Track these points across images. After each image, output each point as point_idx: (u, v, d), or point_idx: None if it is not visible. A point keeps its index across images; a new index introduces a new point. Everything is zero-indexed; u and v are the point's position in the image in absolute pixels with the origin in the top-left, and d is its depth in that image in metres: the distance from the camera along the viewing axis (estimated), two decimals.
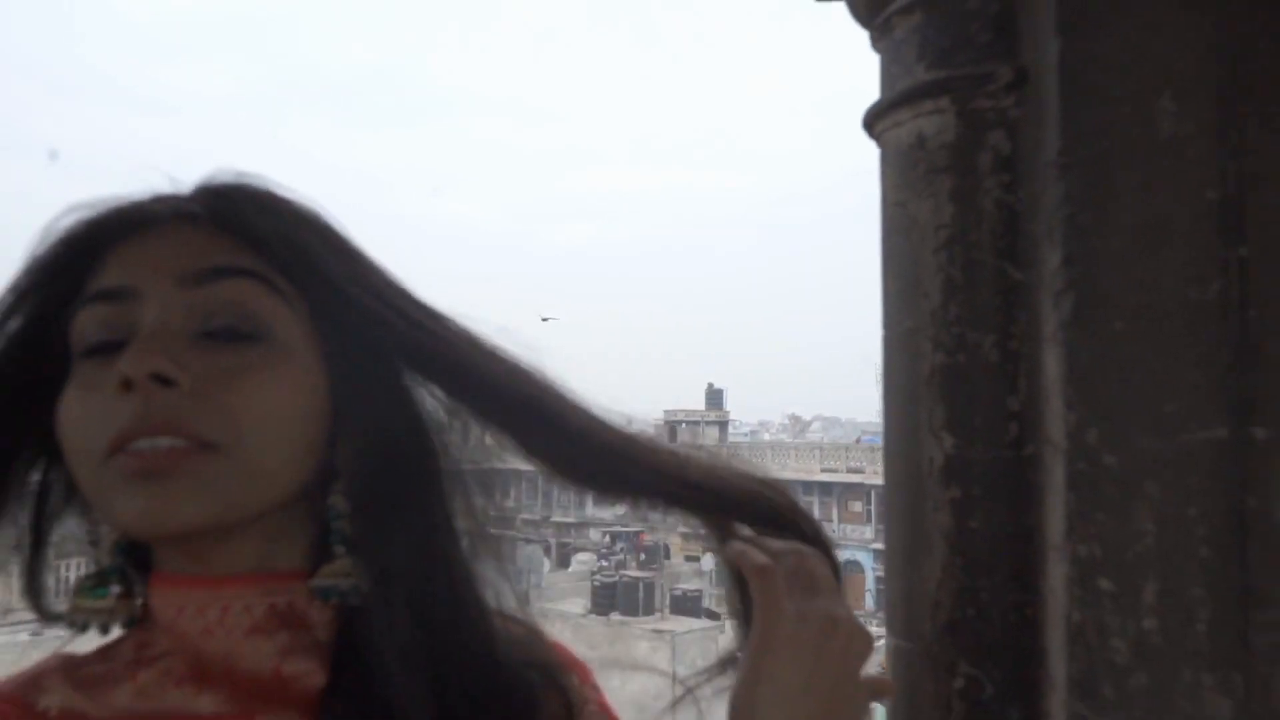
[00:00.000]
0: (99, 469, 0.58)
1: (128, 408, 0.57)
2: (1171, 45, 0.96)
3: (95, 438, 0.58)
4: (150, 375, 0.57)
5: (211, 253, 0.62)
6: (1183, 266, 0.96)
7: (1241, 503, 0.94)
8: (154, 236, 0.63)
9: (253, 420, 0.59)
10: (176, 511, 0.57)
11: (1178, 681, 0.94)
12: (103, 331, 0.61)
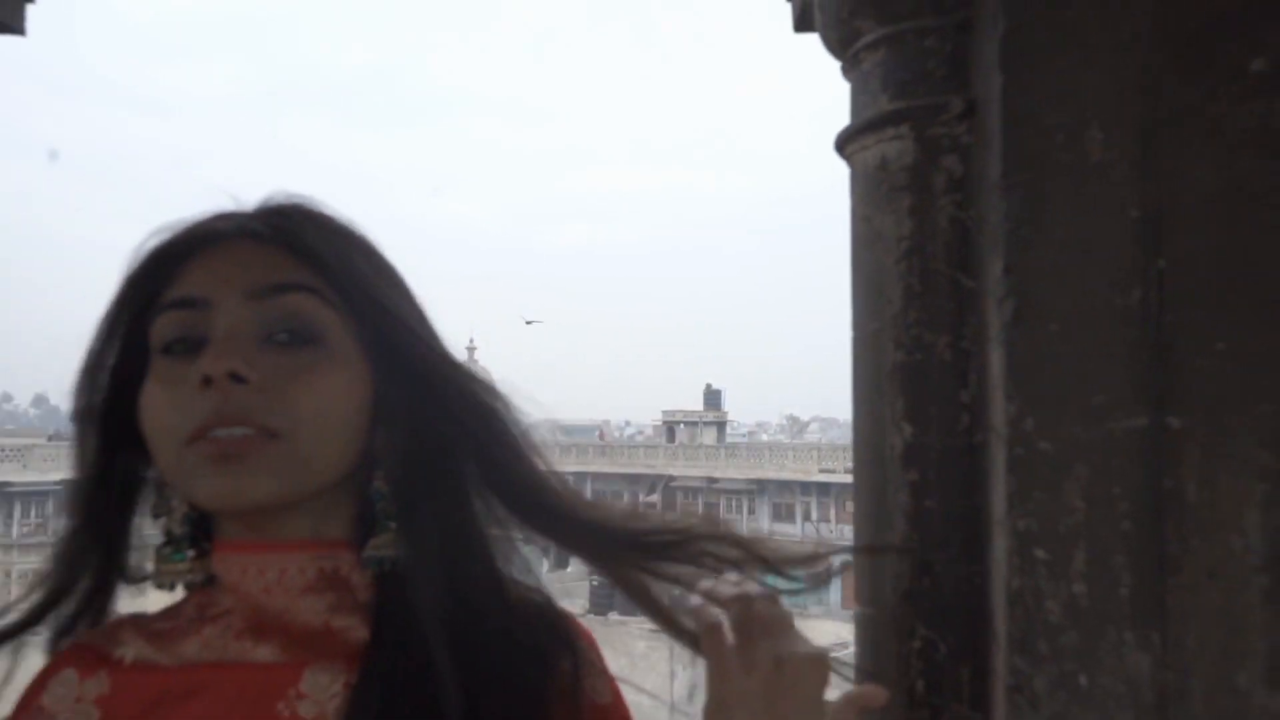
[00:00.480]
0: (181, 452, 0.67)
1: (208, 402, 0.66)
2: (1099, 83, 1.10)
3: (179, 425, 0.67)
4: (228, 374, 0.66)
5: (274, 270, 0.72)
6: (1108, 276, 1.09)
7: (1159, 483, 1.07)
8: (223, 252, 0.73)
9: (309, 413, 0.69)
10: (248, 489, 0.67)
11: (1103, 639, 1.08)
12: (179, 334, 0.71)
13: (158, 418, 0.69)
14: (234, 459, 0.66)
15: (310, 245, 0.72)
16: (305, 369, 0.69)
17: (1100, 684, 1.07)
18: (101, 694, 0.70)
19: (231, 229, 0.73)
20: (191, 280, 0.71)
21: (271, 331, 0.70)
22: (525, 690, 0.70)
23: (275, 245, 0.72)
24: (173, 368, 0.69)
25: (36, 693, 0.72)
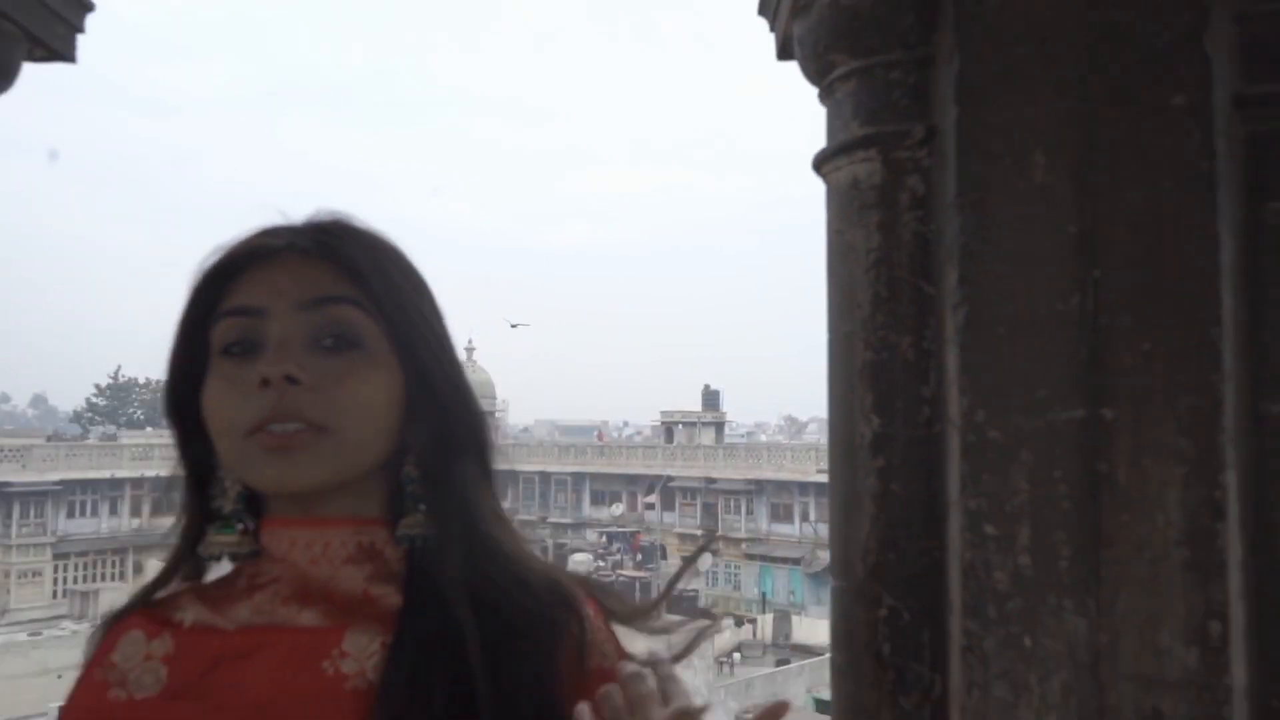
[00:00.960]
0: (241, 443, 0.77)
1: (266, 400, 0.75)
2: (1042, 115, 1.24)
3: (240, 420, 0.76)
4: (283, 377, 0.75)
5: (321, 283, 0.80)
6: (1050, 285, 1.23)
7: (1093, 467, 1.22)
8: (276, 266, 0.81)
9: (352, 409, 0.78)
10: (300, 476, 0.76)
11: (1044, 605, 1.22)
12: (237, 338, 0.79)
13: (220, 412, 0.78)
14: (288, 450, 0.76)
15: (351, 260, 0.81)
16: (348, 371, 0.78)
17: (1042, 644, 1.22)
18: (167, 653, 0.79)
19: (282, 245, 0.82)
20: (248, 291, 0.81)
21: (319, 338, 0.79)
22: (538, 651, 0.78)
23: (321, 260, 0.81)
24: (232, 368, 0.78)
25: (107, 650, 0.81)
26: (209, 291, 0.82)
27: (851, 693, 1.37)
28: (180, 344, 0.83)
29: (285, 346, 0.77)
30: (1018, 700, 1.22)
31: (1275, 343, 1.20)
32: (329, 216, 0.85)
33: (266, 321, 0.79)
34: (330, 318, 0.79)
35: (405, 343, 0.81)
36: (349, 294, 0.80)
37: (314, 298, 0.79)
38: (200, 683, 0.77)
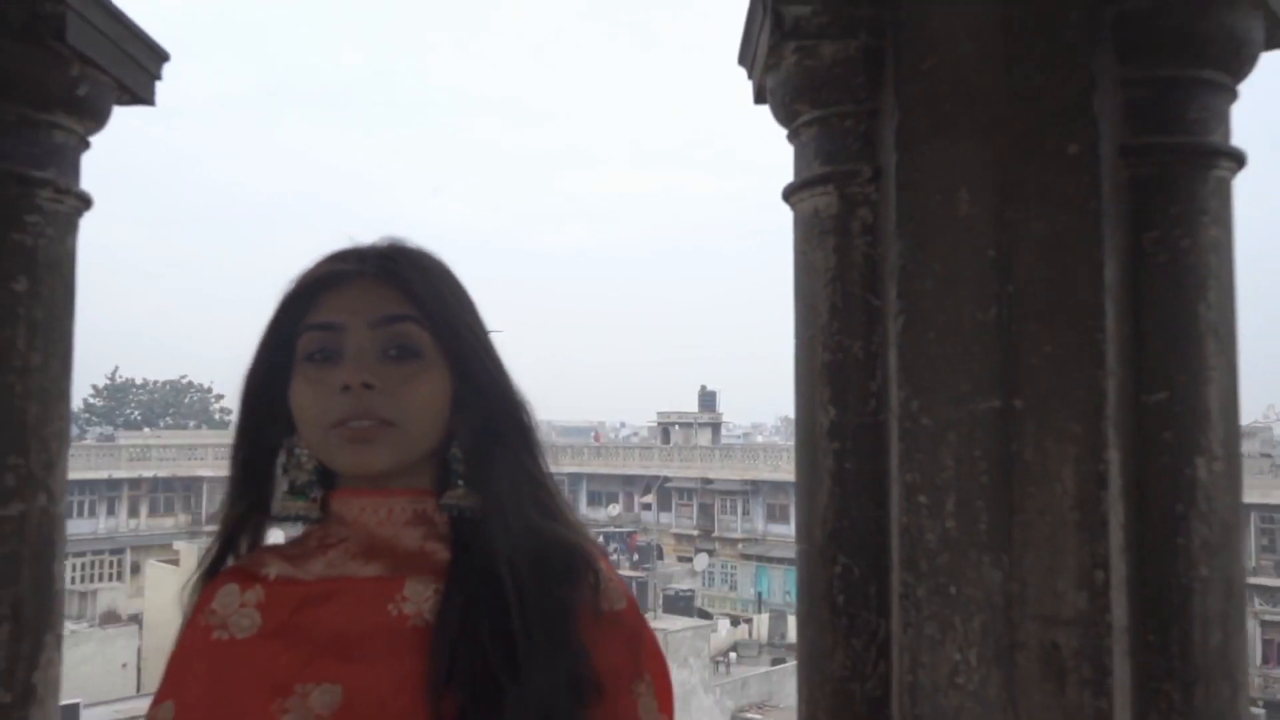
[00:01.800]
0: (325, 435, 0.93)
1: (347, 401, 0.92)
2: (966, 159, 1.52)
3: (324, 417, 0.93)
4: (361, 384, 0.92)
5: (387, 304, 0.96)
6: (972, 299, 1.51)
7: (1006, 447, 1.49)
8: (350, 289, 0.97)
9: (413, 408, 0.94)
10: (373, 461, 0.93)
11: (966, 560, 1.50)
12: (319, 348, 0.95)
13: (308, 409, 0.95)
14: (365, 440, 0.93)
15: (409, 283, 0.97)
16: (410, 376, 0.95)
17: (964, 592, 1.49)
18: (259, 601, 0.95)
19: (354, 270, 0.98)
20: (328, 309, 0.97)
21: (386, 349, 0.95)
22: (560, 596, 0.94)
23: (386, 284, 0.97)
24: (315, 372, 0.95)
25: (206, 600, 0.97)
26: (294, 307, 0.98)
27: (812, 637, 1.65)
28: (265, 348, 0.99)
29: (360, 357, 0.94)
30: (945, 637, 1.49)
31: (1150, 345, 1.48)
32: (390, 243, 1.01)
33: (343, 336, 0.95)
34: (395, 333, 0.95)
35: (454, 350, 0.97)
36: (409, 313, 0.96)
37: (381, 316, 0.95)
38: (288, 623, 0.93)
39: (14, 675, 1.61)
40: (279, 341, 0.98)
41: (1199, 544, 1.44)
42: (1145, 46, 1.47)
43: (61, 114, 1.69)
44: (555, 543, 0.97)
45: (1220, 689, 1.44)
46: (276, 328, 0.99)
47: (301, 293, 0.98)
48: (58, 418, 1.70)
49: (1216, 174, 1.50)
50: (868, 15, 1.57)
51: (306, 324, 0.96)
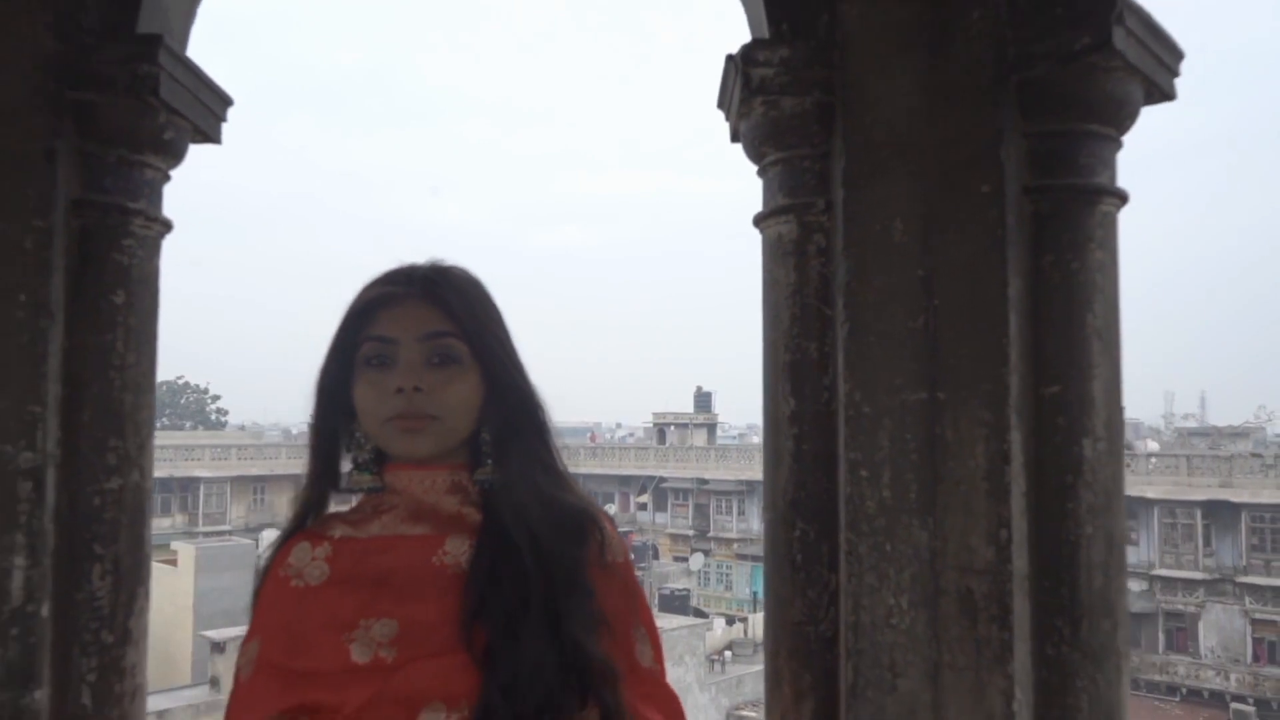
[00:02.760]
0: (383, 426, 1.15)
1: (400, 401, 1.14)
2: (899, 195, 1.86)
3: (382, 412, 1.15)
4: (412, 387, 1.14)
5: (431, 321, 1.17)
6: (904, 310, 1.85)
7: (932, 430, 1.83)
8: (402, 308, 1.18)
9: (453, 406, 1.16)
10: (421, 448, 1.16)
11: (899, 523, 1.83)
12: (376, 355, 1.17)
13: (369, 405, 1.17)
14: (414, 432, 1.16)
15: (449, 304, 1.18)
16: (449, 380, 1.17)
17: (898, 549, 1.83)
18: (328, 555, 1.16)
19: (405, 292, 1.19)
20: (384, 324, 1.18)
21: (430, 358, 1.17)
22: (570, 549, 1.16)
23: (431, 304, 1.18)
24: (375, 375, 1.17)
25: (283, 557, 1.17)
26: (356, 322, 1.20)
27: (776, 589, 1.99)
28: (333, 353, 1.21)
29: (411, 365, 1.16)
30: (882, 586, 1.83)
31: (1046, 347, 1.82)
32: (434, 265, 1.23)
33: (397, 347, 1.17)
34: (438, 345, 1.17)
35: (484, 358, 1.19)
36: (449, 329, 1.17)
37: (427, 332, 1.17)
38: (351, 572, 1.15)
39: (115, 619, 1.95)
40: (344, 348, 1.20)
41: (1085, 507, 1.79)
42: (1043, 106, 1.82)
43: (151, 155, 2.03)
44: (567, 507, 1.19)
45: (1101, 624, 1.78)
46: (342, 337, 1.20)
47: (362, 309, 1.19)
48: (146, 406, 2.03)
49: (1102, 209, 1.84)
50: (820, 77, 1.91)
51: (367, 335, 1.17)
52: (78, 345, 1.91)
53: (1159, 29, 1.83)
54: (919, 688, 1.79)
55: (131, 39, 1.95)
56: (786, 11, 1.96)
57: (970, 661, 1.76)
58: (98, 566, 1.92)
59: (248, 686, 1.14)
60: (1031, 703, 1.77)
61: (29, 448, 1.82)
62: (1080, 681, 1.77)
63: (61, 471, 1.88)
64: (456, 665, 1.09)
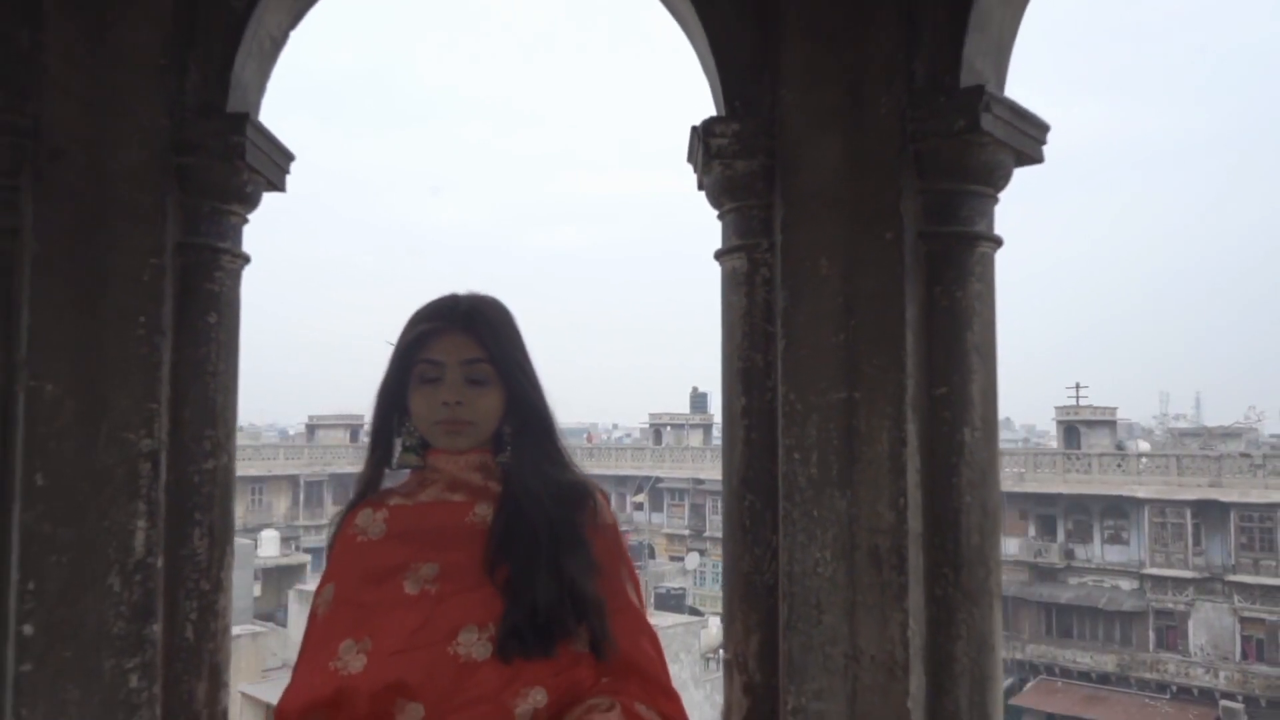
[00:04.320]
0: (432, 427, 1.48)
1: (446, 411, 1.46)
2: (825, 239, 2.38)
3: (431, 417, 1.47)
4: (455, 401, 1.47)
5: (469, 349, 1.48)
6: (828, 329, 2.37)
7: (850, 423, 2.35)
8: (446, 337, 1.49)
9: (483, 415, 1.48)
10: (460, 443, 1.49)
11: (824, 494, 2.36)
12: (428, 375, 1.49)
13: (422, 411, 1.51)
14: (455, 432, 1.50)
15: (483, 336, 1.50)
16: (481, 395, 1.50)
17: (823, 514, 2.35)
18: (385, 517, 1.49)
19: (447, 325, 1.50)
20: (433, 350, 1.50)
21: (468, 378, 1.49)
22: (568, 515, 1.47)
23: (469, 334, 1.50)
24: (426, 389, 1.50)
25: (351, 519, 1.51)
26: (411, 347, 1.53)
27: (730, 547, 2.52)
28: (392, 368, 1.55)
29: (454, 384, 1.49)
30: (810, 543, 2.36)
31: (936, 358, 2.35)
32: (472, 300, 1.55)
33: (444, 369, 1.49)
34: (473, 369, 1.50)
35: (508, 378, 1.52)
36: (483, 356, 1.50)
37: (466, 359, 1.50)
38: (405, 529, 1.48)
39: (210, 571, 2.48)
40: (402, 365, 1.54)
41: (965, 482, 2.32)
42: (934, 171, 2.35)
43: (236, 205, 2.56)
44: (568, 482, 1.53)
45: (977, 572, 2.31)
46: (401, 357, 1.54)
47: (417, 339, 1.53)
48: (231, 404, 2.56)
49: (980, 250, 2.37)
50: (765, 145, 2.45)
51: (421, 358, 1.51)
52: (182, 357, 2.44)
53: (1024, 112, 2.37)
54: (838, 621, 2.32)
55: (223, 117, 2.48)
56: (739, 94, 2.50)
57: (877, 600, 2.29)
58: (197, 530, 2.45)
59: (326, 618, 1.45)
60: (924, 632, 2.30)
61: (148, 436, 2.35)
62: (961, 615, 2.30)
63: (170, 455, 2.41)
64: (484, 597, 1.41)
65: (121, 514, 2.30)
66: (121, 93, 2.38)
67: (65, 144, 2.33)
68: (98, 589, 2.27)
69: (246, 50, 2.53)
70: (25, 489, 2.24)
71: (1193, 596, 34.38)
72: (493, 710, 1.35)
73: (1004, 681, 14.53)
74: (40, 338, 2.28)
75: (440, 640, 1.38)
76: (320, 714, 1.36)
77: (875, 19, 2.36)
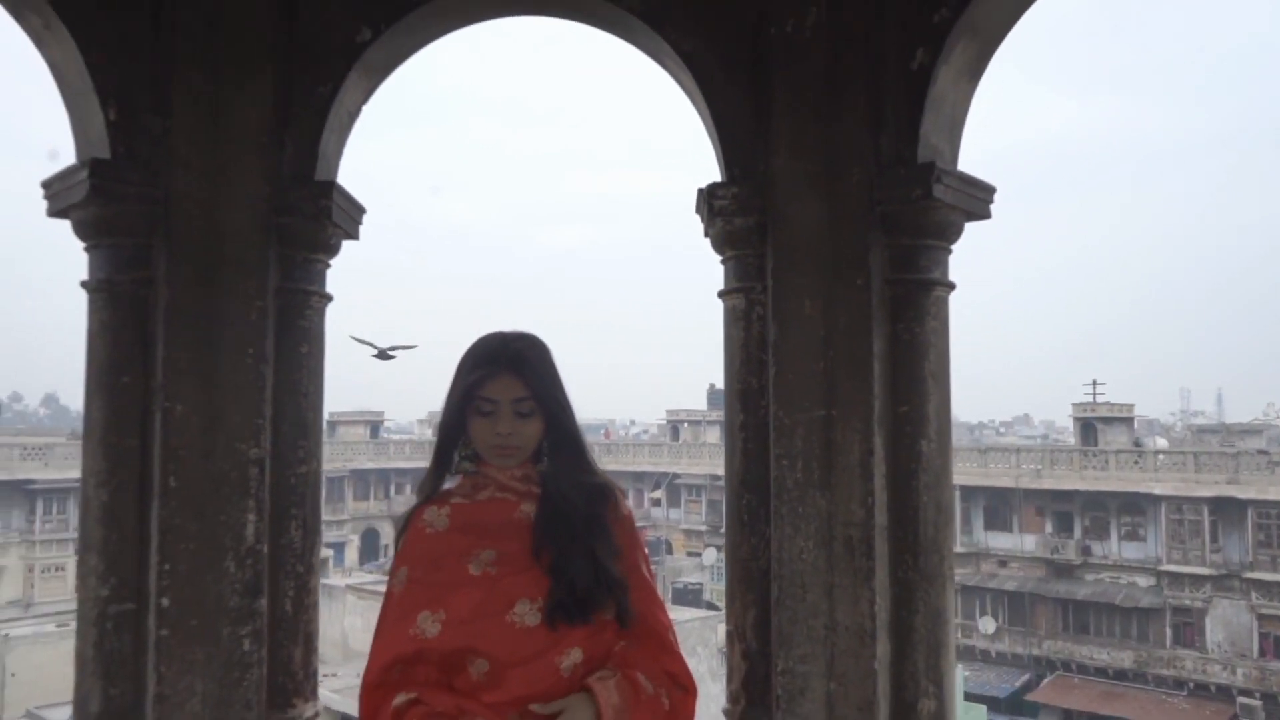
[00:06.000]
0: (488, 449, 1.83)
1: (499, 439, 1.81)
2: (809, 284, 2.89)
3: (488, 443, 1.82)
4: (507, 433, 1.81)
5: (517, 389, 1.80)
6: (810, 358, 2.88)
7: (828, 435, 2.86)
8: (499, 379, 1.80)
9: (528, 440, 1.83)
10: (509, 463, 1.84)
11: (807, 494, 2.86)
12: (484, 410, 1.81)
13: (479, 437, 1.83)
14: (506, 455, 1.83)
15: (529, 378, 1.82)
16: (527, 425, 1.82)
17: (806, 510, 2.84)
18: (448, 513, 1.82)
19: (499, 370, 1.81)
20: (489, 390, 1.81)
21: (517, 412, 1.81)
22: (595, 510, 1.83)
23: (517, 376, 1.81)
24: (483, 421, 1.82)
25: (419, 515, 1.83)
26: (469, 387, 1.83)
27: (731, 538, 3.04)
28: (452, 401, 1.86)
29: (505, 417, 1.81)
30: (796, 534, 2.87)
31: (900, 382, 2.86)
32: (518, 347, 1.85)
33: (498, 405, 1.81)
34: (521, 405, 1.82)
35: (547, 410, 1.84)
36: (528, 395, 1.82)
37: (515, 397, 1.81)
38: (465, 522, 1.81)
39: (304, 557, 3.03)
40: (463, 399, 1.85)
41: (922, 484, 2.82)
42: (896, 229, 2.85)
43: (322, 254, 3.11)
44: (594, 484, 1.88)
45: (932, 558, 2.82)
46: (460, 394, 1.85)
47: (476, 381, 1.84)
48: (319, 420, 3.11)
49: (935, 294, 2.88)
50: (758, 205, 2.96)
51: (478, 395, 1.83)
52: (280, 381, 2.99)
53: (972, 180, 2.88)
54: (819, 599, 2.83)
55: (313, 184, 3.02)
56: (737, 162, 3.02)
57: (850, 581, 2.80)
58: (293, 523, 3.00)
59: (402, 595, 1.76)
60: (889, 607, 2.81)
61: (255, 446, 2.89)
62: (919, 593, 2.81)
63: (272, 461, 2.95)
64: (533, 577, 1.76)
65: (235, 510, 2.85)
66: (232, 166, 2.93)
67: (188, 209, 2.88)
68: (217, 570, 2.82)
69: (330, 126, 3.07)
70: (162, 490, 2.79)
71: (1210, 593, 34.49)
72: (542, 665, 1.70)
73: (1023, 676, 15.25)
74: (172, 367, 2.83)
75: (500, 611, 1.72)
76: (400, 668, 1.71)
77: (846, 100, 2.87)
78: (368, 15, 3.06)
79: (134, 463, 2.83)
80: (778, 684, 2.82)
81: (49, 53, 2.92)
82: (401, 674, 1.71)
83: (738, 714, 2.95)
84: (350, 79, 3.06)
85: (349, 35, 3.05)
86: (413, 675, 1.70)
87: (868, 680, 2.73)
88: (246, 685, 2.80)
